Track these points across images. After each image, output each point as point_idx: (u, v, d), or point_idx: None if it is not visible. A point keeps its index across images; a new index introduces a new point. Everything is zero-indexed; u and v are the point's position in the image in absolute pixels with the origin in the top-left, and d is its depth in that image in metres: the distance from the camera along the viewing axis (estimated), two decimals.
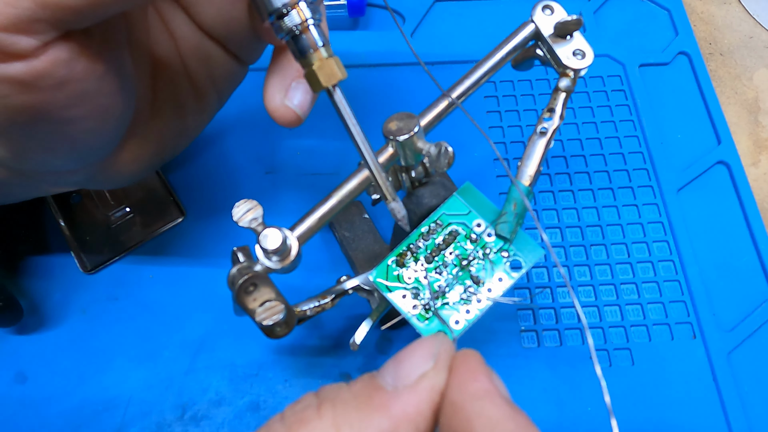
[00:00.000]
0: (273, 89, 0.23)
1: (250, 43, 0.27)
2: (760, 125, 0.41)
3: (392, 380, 0.16)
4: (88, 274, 0.33)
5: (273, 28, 0.20)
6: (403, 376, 0.16)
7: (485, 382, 0.15)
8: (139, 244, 0.34)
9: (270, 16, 0.20)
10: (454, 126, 0.37)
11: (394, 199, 0.22)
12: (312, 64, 0.20)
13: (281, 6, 0.20)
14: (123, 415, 0.30)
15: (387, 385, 0.16)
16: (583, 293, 0.33)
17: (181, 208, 0.35)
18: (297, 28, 0.20)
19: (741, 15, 0.45)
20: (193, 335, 0.32)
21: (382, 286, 0.24)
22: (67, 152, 0.23)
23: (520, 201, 0.25)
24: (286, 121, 0.24)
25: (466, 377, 0.15)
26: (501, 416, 0.15)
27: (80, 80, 0.20)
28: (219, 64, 0.27)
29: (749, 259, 0.34)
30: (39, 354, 0.31)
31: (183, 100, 0.27)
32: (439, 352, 0.16)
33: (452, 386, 0.15)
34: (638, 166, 0.37)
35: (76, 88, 0.20)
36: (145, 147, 0.26)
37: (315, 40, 0.20)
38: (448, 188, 0.26)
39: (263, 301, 0.22)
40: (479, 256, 0.24)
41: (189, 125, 0.28)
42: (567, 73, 0.26)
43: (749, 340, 0.32)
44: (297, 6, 0.20)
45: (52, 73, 0.19)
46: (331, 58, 0.20)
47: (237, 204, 0.22)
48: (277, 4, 0.20)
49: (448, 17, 0.42)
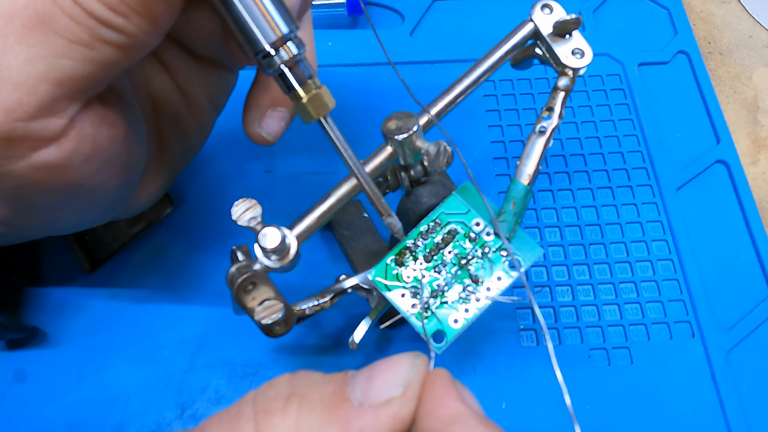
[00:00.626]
0: (250, 117, 0.25)
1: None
2: (759, 124, 0.41)
3: (360, 395, 0.16)
4: (90, 273, 0.33)
5: (261, 66, 0.20)
6: (371, 395, 0.16)
7: (454, 406, 0.15)
8: (136, 236, 0.33)
9: (255, 55, 0.20)
10: (453, 125, 0.37)
11: (389, 214, 0.23)
12: (301, 98, 0.20)
13: (267, 48, 0.20)
14: (122, 414, 0.30)
15: (354, 400, 0.16)
16: (582, 292, 0.33)
17: (170, 196, 0.34)
18: (285, 66, 0.20)
19: (740, 14, 0.45)
20: (192, 334, 0.32)
21: (381, 285, 0.24)
22: (94, 213, 0.24)
23: (519, 200, 0.25)
24: (259, 144, 0.26)
25: (435, 404, 0.16)
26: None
27: (106, 149, 0.21)
28: (214, 80, 0.27)
29: (748, 258, 0.34)
30: (38, 353, 0.31)
31: (185, 125, 0.28)
32: (411, 380, 0.16)
33: (422, 415, 0.16)
34: (637, 165, 0.37)
35: (102, 158, 0.21)
36: (158, 179, 0.27)
37: (303, 76, 0.20)
38: (447, 187, 0.26)
39: (262, 300, 0.22)
40: (478, 255, 0.24)
41: (193, 144, 0.29)
42: (566, 72, 0.26)
43: (748, 339, 0.32)
44: (285, 45, 0.20)
45: (81, 149, 0.20)
46: (320, 90, 0.21)
47: (236, 203, 0.22)
48: (264, 45, 0.20)
49: (448, 16, 0.42)
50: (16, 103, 0.18)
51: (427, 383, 0.16)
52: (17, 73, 0.17)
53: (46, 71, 0.18)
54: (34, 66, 0.17)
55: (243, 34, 0.19)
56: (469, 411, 0.15)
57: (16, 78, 0.17)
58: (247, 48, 0.20)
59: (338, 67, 0.40)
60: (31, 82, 0.18)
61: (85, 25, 0.18)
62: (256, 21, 0.19)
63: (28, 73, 0.17)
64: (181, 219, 0.35)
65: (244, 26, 0.19)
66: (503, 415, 0.30)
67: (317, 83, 0.21)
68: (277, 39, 0.19)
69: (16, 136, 0.18)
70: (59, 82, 0.18)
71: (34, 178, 0.19)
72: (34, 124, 0.18)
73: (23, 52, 0.17)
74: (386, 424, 0.15)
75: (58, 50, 0.18)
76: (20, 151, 0.19)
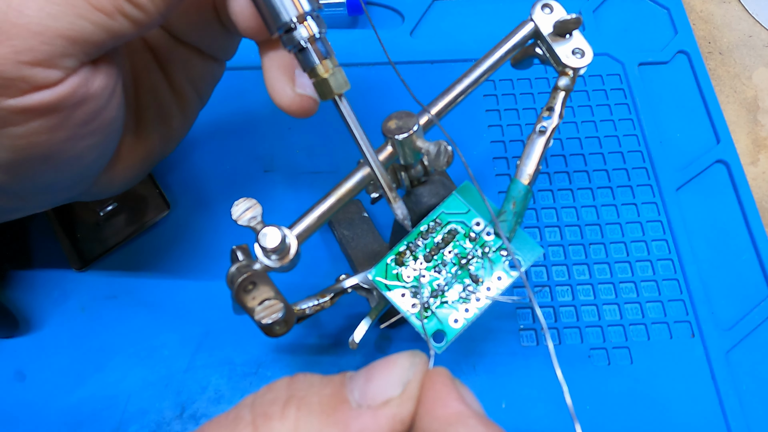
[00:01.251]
0: (278, 83, 0.23)
1: (224, 42, 0.27)
2: (759, 124, 0.41)
3: (359, 397, 0.16)
4: (79, 271, 0.33)
5: (281, 41, 0.21)
6: (369, 396, 0.16)
7: (455, 406, 0.15)
8: (128, 238, 0.33)
9: (278, 29, 0.21)
10: (453, 125, 0.37)
11: (397, 199, 0.23)
12: (320, 74, 0.21)
13: (290, 21, 0.20)
14: (122, 414, 0.30)
15: (353, 401, 0.16)
16: (582, 292, 0.33)
17: (166, 200, 0.34)
18: (305, 42, 0.21)
19: (740, 14, 0.45)
20: (192, 333, 0.32)
21: (381, 284, 0.24)
22: (72, 170, 0.23)
23: (520, 199, 0.25)
24: (304, 110, 0.24)
25: (434, 404, 0.15)
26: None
27: (96, 97, 0.21)
28: (196, 67, 0.28)
29: (748, 258, 0.34)
30: (38, 352, 0.31)
31: (166, 106, 0.28)
32: (410, 380, 0.16)
33: (422, 415, 0.15)
34: (637, 165, 0.37)
35: (92, 105, 0.21)
36: (135, 155, 0.27)
37: (323, 52, 0.21)
38: (447, 187, 0.26)
39: (262, 300, 0.22)
40: (478, 255, 0.24)
41: (174, 129, 0.29)
42: (566, 71, 0.26)
43: (748, 339, 0.32)
44: (305, 21, 0.21)
45: (74, 94, 0.20)
46: (337, 69, 0.21)
47: (236, 202, 0.22)
48: (286, 18, 0.20)
49: (448, 16, 0.42)
50: (27, 47, 0.19)
51: (426, 382, 0.16)
52: (37, 23, 0.18)
53: (65, 28, 0.19)
54: (55, 21, 0.19)
55: (267, 7, 0.21)
56: (469, 411, 0.15)
57: (35, 27, 0.18)
58: (270, 21, 0.21)
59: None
60: (48, 33, 0.19)
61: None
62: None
63: (48, 26, 0.19)
64: (182, 218, 0.35)
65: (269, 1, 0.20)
66: (503, 414, 0.30)
67: (335, 62, 0.21)
68: (299, 14, 0.20)
69: (16, 76, 0.19)
70: (73, 41, 0.19)
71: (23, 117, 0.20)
72: (37, 70, 0.19)
73: (47, 7, 0.18)
74: (385, 426, 0.15)
75: (81, 13, 0.19)
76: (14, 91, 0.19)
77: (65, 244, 0.33)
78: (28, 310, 0.32)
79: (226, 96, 0.38)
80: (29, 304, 0.32)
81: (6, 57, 0.18)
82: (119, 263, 0.33)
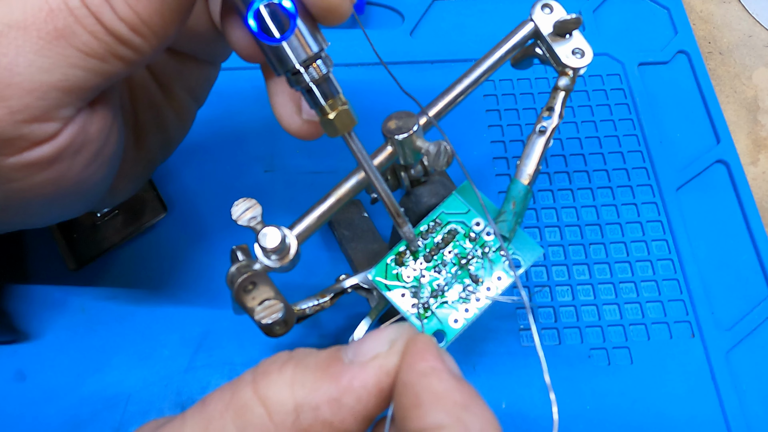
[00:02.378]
0: (285, 110, 0.23)
1: (218, 47, 0.27)
2: (759, 124, 0.41)
3: (352, 356, 0.18)
4: (73, 271, 0.33)
5: (287, 81, 0.21)
6: (360, 354, 0.18)
7: (432, 361, 0.17)
8: (126, 239, 0.33)
9: (285, 73, 0.20)
10: (453, 125, 0.37)
11: (406, 224, 0.23)
12: (328, 113, 0.21)
13: (296, 66, 0.20)
14: (122, 414, 0.30)
15: (345, 359, 0.17)
16: (582, 292, 0.33)
17: (163, 203, 0.34)
18: (311, 83, 0.20)
19: (740, 14, 0.45)
20: (192, 334, 0.32)
21: (381, 284, 0.24)
22: (77, 201, 0.23)
23: (519, 199, 0.25)
24: (312, 135, 0.24)
25: (415, 358, 0.17)
26: (446, 388, 0.16)
27: (96, 139, 0.21)
28: (192, 73, 0.27)
29: (748, 258, 0.34)
30: (38, 352, 0.31)
31: (163, 115, 0.28)
32: (397, 338, 0.18)
33: (403, 368, 0.17)
34: (637, 165, 0.37)
35: (92, 148, 0.21)
36: (136, 168, 0.27)
37: (330, 92, 0.20)
38: (447, 187, 0.26)
39: (262, 300, 0.22)
40: (478, 255, 0.24)
41: (172, 135, 0.29)
42: (566, 71, 0.26)
43: (748, 339, 0.32)
44: (314, 63, 0.20)
45: (73, 142, 0.20)
46: (345, 106, 0.21)
47: (236, 203, 0.22)
48: (292, 65, 0.19)
49: (448, 16, 0.42)
50: (23, 106, 0.18)
51: (410, 342, 0.18)
52: (30, 80, 0.18)
53: (59, 80, 0.18)
54: (47, 75, 0.18)
55: (273, 53, 0.19)
56: (445, 367, 0.17)
57: (28, 84, 0.18)
58: (276, 64, 0.20)
59: (338, 67, 0.40)
60: (43, 88, 0.18)
61: (104, 41, 0.19)
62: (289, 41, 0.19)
63: (41, 81, 0.18)
64: (182, 218, 0.35)
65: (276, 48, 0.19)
66: (503, 414, 0.30)
67: (342, 99, 0.21)
68: (307, 58, 0.19)
69: (15, 135, 0.19)
70: (68, 91, 0.19)
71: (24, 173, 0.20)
72: (35, 126, 0.19)
73: (38, 61, 0.18)
74: (373, 375, 0.17)
75: (74, 62, 0.18)
76: (14, 149, 0.19)
77: (61, 245, 0.33)
78: (28, 310, 0.32)
79: (226, 96, 0.38)
80: (29, 304, 0.32)
81: (2, 119, 0.18)
82: (119, 264, 0.33)
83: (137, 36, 0.19)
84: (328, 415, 0.17)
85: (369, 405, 0.17)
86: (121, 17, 0.18)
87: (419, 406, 0.16)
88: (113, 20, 0.18)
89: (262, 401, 0.17)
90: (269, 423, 0.17)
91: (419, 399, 0.16)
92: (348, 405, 0.17)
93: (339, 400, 0.17)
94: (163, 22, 0.19)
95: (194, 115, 0.30)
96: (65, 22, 0.18)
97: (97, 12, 0.18)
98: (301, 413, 0.17)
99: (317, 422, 0.17)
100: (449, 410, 0.16)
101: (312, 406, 0.17)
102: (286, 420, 0.17)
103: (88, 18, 0.18)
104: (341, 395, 0.17)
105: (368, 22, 0.42)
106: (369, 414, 0.17)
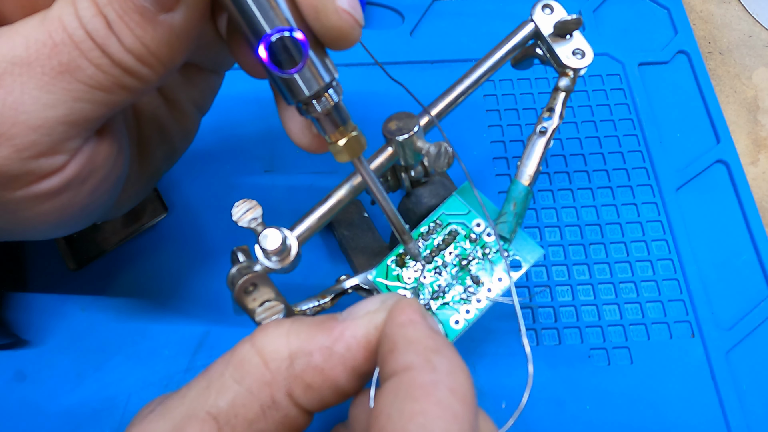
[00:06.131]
0: (295, 126, 0.22)
1: (224, 57, 0.26)
2: (759, 124, 0.41)
3: (346, 315, 0.19)
4: (73, 271, 0.33)
5: (298, 111, 0.20)
6: (353, 312, 0.19)
7: (411, 314, 0.18)
8: (126, 239, 0.33)
9: (297, 103, 0.20)
10: (453, 125, 0.37)
11: (411, 240, 0.24)
12: (337, 140, 0.21)
13: (310, 96, 0.19)
14: (122, 414, 0.30)
15: (339, 317, 0.19)
16: (582, 292, 0.33)
17: (164, 203, 0.34)
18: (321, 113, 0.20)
19: (740, 14, 0.45)
20: (192, 334, 0.32)
21: (382, 285, 0.24)
22: (83, 221, 0.23)
23: (520, 200, 0.25)
24: (323, 149, 0.23)
25: (396, 312, 0.19)
26: (420, 336, 0.18)
27: (102, 167, 0.21)
28: (197, 84, 0.27)
29: (748, 258, 0.34)
30: (38, 352, 0.31)
31: (168, 128, 0.27)
32: (388, 299, 0.20)
33: (387, 321, 0.19)
34: (637, 165, 0.37)
35: (99, 175, 0.21)
36: (141, 180, 0.27)
37: (339, 121, 0.20)
38: (447, 188, 0.26)
39: (263, 301, 0.22)
40: (479, 256, 0.24)
41: (177, 146, 0.29)
42: (566, 72, 0.26)
43: (748, 339, 0.32)
44: (326, 93, 0.19)
45: (81, 172, 0.20)
46: (354, 133, 0.21)
47: (236, 204, 0.22)
48: (303, 96, 0.19)
49: (448, 16, 0.42)
50: (30, 143, 0.18)
51: (397, 302, 0.19)
52: (35, 117, 0.18)
53: (64, 114, 0.18)
54: (53, 111, 0.18)
55: (284, 84, 0.19)
56: (421, 320, 0.18)
57: (34, 122, 0.18)
58: (287, 96, 0.19)
59: (339, 67, 0.40)
60: (48, 124, 0.18)
61: (110, 73, 0.18)
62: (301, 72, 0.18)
63: (47, 117, 0.18)
64: (182, 219, 0.35)
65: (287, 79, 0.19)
66: (503, 414, 0.30)
67: (352, 126, 0.21)
68: (319, 88, 0.19)
69: (22, 172, 0.19)
70: (74, 124, 0.19)
71: (31, 203, 0.20)
72: (42, 161, 0.19)
73: (43, 98, 0.18)
74: (362, 328, 0.19)
75: (79, 96, 0.18)
76: (21, 184, 0.19)
77: (61, 245, 0.33)
78: (28, 310, 0.32)
79: (226, 97, 0.37)
80: (29, 304, 0.32)
81: (9, 157, 0.18)
82: (119, 264, 0.33)
83: (144, 66, 0.18)
84: (319, 361, 0.18)
85: (358, 355, 0.18)
86: (127, 48, 0.18)
87: (393, 351, 0.17)
88: (120, 52, 0.18)
89: (259, 352, 0.18)
90: (265, 370, 0.18)
91: (395, 345, 0.17)
92: (338, 353, 0.18)
93: (330, 348, 0.18)
94: (170, 52, 0.19)
95: (198, 124, 0.29)
96: (70, 57, 0.17)
97: (103, 44, 0.17)
98: (294, 360, 0.18)
99: (309, 367, 0.18)
100: (419, 352, 0.17)
101: (305, 352, 0.18)
102: (281, 366, 0.18)
103: (93, 51, 0.18)
104: (333, 344, 0.18)
105: (368, 22, 0.42)
106: (357, 365, 0.18)
